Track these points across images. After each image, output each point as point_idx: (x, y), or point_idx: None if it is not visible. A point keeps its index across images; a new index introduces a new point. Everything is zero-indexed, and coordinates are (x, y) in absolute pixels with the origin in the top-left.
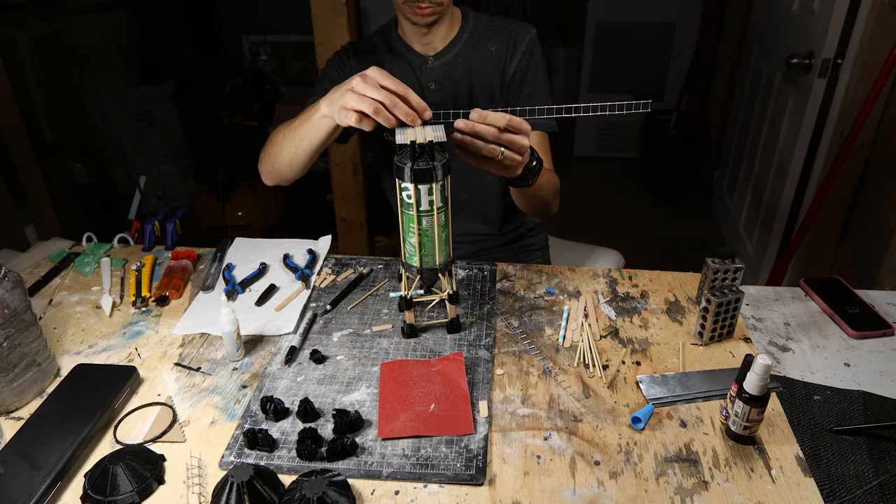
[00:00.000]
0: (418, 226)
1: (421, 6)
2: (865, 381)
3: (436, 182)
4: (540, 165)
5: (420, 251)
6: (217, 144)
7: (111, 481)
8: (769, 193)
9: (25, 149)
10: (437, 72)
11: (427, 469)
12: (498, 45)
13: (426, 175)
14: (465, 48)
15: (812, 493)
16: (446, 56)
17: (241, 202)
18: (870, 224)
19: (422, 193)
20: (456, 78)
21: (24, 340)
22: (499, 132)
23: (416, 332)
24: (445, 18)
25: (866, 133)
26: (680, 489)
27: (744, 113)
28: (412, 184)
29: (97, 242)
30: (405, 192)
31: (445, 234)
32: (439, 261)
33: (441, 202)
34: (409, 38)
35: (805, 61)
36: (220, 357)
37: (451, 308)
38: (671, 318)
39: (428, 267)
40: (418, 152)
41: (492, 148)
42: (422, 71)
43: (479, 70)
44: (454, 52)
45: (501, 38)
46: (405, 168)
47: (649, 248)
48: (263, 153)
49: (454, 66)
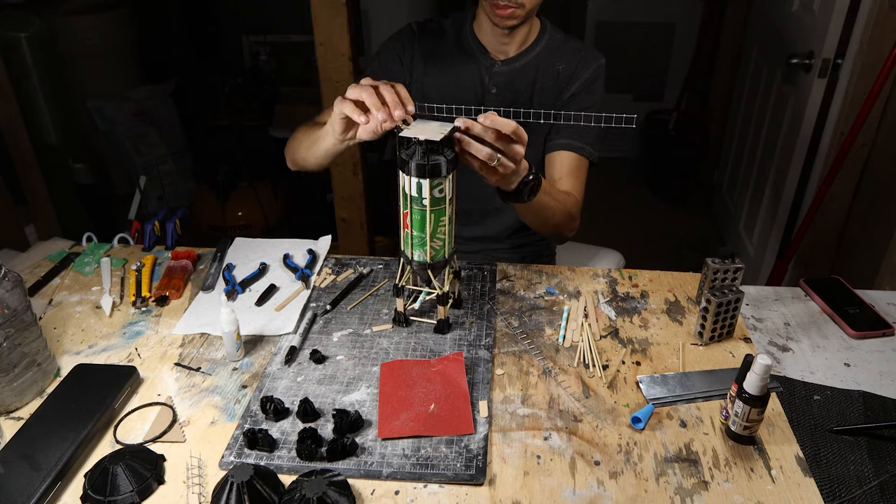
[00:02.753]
0: (412, 217)
1: (499, 5)
2: (865, 381)
3: (437, 178)
4: (538, 182)
5: (411, 243)
6: (217, 144)
7: (111, 481)
8: (769, 193)
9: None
10: (502, 77)
11: (427, 469)
12: (565, 65)
13: (431, 170)
14: (534, 60)
15: (812, 493)
16: (514, 64)
17: (241, 202)
18: (870, 224)
19: (423, 188)
20: (518, 88)
21: (24, 340)
22: (497, 136)
23: (407, 321)
24: (525, 25)
25: (866, 133)
26: (680, 489)
27: (744, 113)
28: (414, 177)
29: (97, 242)
30: (405, 186)
31: (441, 230)
32: (430, 257)
33: (439, 198)
34: (485, 37)
35: (805, 61)
36: (220, 357)
37: (441, 309)
38: (671, 318)
39: (419, 261)
40: (425, 148)
41: (488, 152)
42: (488, 73)
43: (542, 86)
44: (523, 61)
45: (569, 60)
46: (410, 162)
47: (649, 248)
48: (289, 142)
49: (520, 76)
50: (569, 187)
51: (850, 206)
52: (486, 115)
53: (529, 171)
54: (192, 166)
